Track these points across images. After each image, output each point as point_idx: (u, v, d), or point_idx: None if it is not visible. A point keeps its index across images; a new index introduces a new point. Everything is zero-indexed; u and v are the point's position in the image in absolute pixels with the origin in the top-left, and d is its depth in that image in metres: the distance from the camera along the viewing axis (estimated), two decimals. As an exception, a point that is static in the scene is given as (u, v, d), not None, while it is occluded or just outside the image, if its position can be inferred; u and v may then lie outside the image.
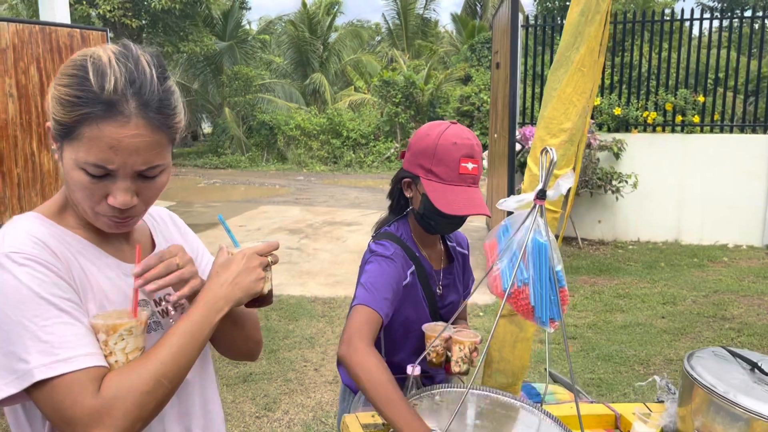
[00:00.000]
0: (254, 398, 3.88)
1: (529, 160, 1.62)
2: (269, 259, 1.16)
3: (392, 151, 18.54)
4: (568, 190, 1.48)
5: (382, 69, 21.13)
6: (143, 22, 17.06)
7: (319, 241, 8.27)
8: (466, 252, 1.92)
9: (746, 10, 11.72)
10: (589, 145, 7.29)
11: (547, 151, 1.29)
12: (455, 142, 1.60)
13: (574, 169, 1.54)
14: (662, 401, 1.86)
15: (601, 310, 5.43)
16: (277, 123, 19.47)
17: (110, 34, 10.61)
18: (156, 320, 1.14)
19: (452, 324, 1.68)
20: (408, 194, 1.73)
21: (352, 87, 23.00)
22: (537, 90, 8.76)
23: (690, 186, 7.90)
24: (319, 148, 19.17)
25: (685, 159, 7.89)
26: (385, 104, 18.87)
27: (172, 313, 1.14)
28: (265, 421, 3.62)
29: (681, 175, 7.91)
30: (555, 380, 2.04)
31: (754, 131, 8.13)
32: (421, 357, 1.66)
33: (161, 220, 1.28)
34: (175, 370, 1.01)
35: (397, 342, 1.80)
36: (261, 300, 1.16)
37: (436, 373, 1.84)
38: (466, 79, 19.34)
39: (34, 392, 0.93)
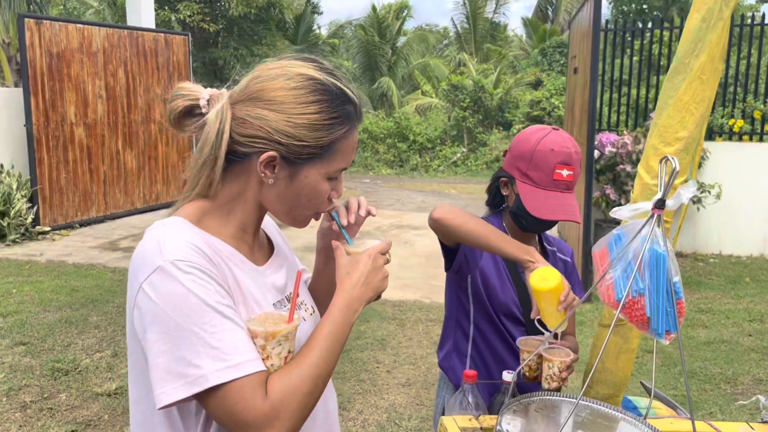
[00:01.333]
0: (329, 397, 3.94)
1: (640, 169, 1.59)
2: (387, 256, 1.19)
3: (458, 155, 18.45)
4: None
5: (450, 73, 21.07)
6: (220, 26, 17.63)
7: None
8: (568, 260, 1.92)
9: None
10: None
11: (668, 159, 1.26)
12: (553, 149, 1.65)
13: (689, 179, 1.50)
14: (766, 422, 1.79)
15: (683, 325, 5.23)
16: (346, 126, 19.67)
17: (190, 39, 11.03)
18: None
19: (554, 338, 1.66)
20: (504, 192, 1.81)
21: (419, 91, 23.03)
22: (614, 95, 8.55)
23: (778, 198, 7.52)
24: (386, 151, 19.27)
25: (774, 169, 7.51)
26: (453, 108, 18.79)
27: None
28: (341, 420, 3.67)
29: (768, 187, 7.54)
30: (655, 396, 1.98)
31: None
32: (519, 369, 1.66)
33: (269, 228, 1.33)
34: (327, 371, 1.06)
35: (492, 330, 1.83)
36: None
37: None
38: (537, 84, 19.04)
39: (206, 397, 0.96)
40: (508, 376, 1.66)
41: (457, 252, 1.78)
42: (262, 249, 1.22)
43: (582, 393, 1.52)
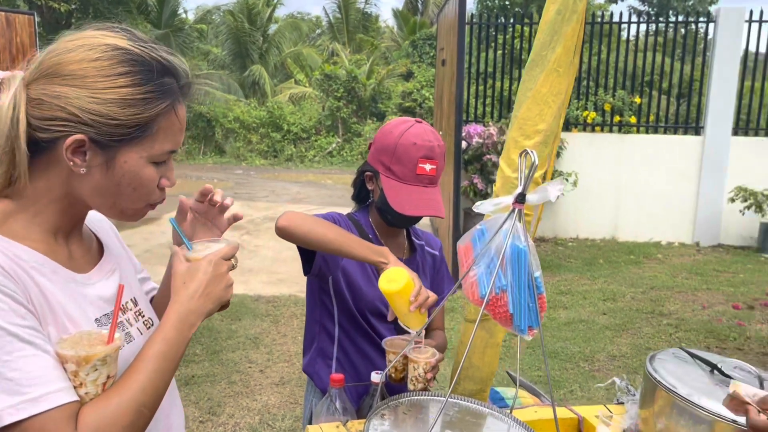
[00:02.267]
0: (197, 402, 3.72)
1: (501, 162, 1.58)
2: (233, 262, 1.08)
3: (334, 146, 18.39)
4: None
5: (323, 62, 20.92)
6: (72, 6, 16.27)
7: (261, 238, 8.08)
8: (437, 253, 1.90)
9: (675, 15, 12.21)
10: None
11: (527, 153, 1.25)
12: (415, 142, 1.62)
13: (546, 172, 1.51)
14: (622, 403, 1.86)
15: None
16: (214, 115, 18.98)
17: (37, 18, 10.05)
18: (127, 334, 1.03)
19: (422, 335, 1.62)
20: (370, 187, 1.77)
21: (293, 80, 22.68)
22: (480, 88, 8.84)
23: (626, 184, 8.15)
24: (259, 141, 18.80)
25: (622, 158, 8.13)
26: (327, 98, 18.69)
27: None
28: (210, 426, 3.48)
29: (618, 174, 8.15)
30: (519, 384, 2.01)
31: (686, 133, 8.45)
32: (386, 371, 1.60)
33: (101, 226, 1.16)
34: (155, 396, 0.91)
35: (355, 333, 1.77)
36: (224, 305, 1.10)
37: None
38: (408, 75, 19.39)
39: None
40: (376, 377, 1.61)
41: (315, 255, 1.69)
42: (87, 253, 1.05)
43: (450, 391, 1.49)
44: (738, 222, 7.86)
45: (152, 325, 1.12)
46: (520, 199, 1.26)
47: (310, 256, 1.70)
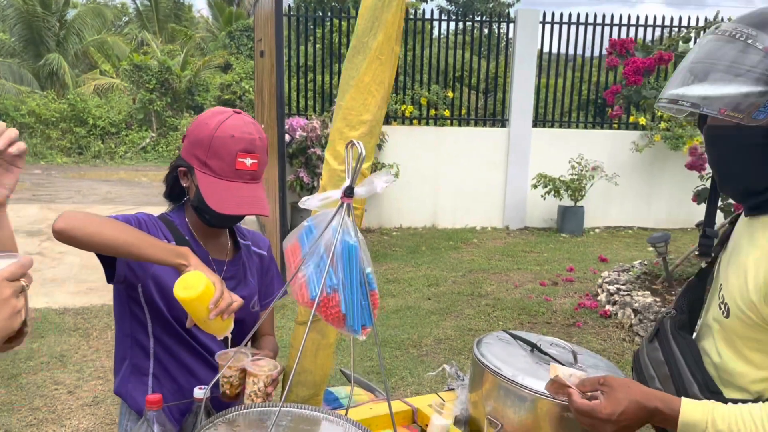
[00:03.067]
0: (-9, 438, 3.24)
1: (327, 154, 1.51)
2: (23, 282, 0.88)
3: (147, 141, 17.23)
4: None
5: (132, 52, 19.49)
6: None
7: (65, 244, 7.30)
8: (264, 253, 1.78)
9: (480, 16, 13.11)
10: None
11: (353, 144, 1.18)
12: (233, 135, 1.48)
13: (374, 164, 1.46)
14: (453, 389, 1.90)
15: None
16: (5, 108, 16.84)
17: None
18: None
19: (252, 343, 1.50)
20: (184, 184, 1.59)
21: (97, 70, 20.86)
22: (301, 81, 8.78)
23: (443, 174, 8.58)
24: (60, 137, 17.03)
25: (439, 150, 8.54)
26: (138, 90, 17.45)
27: None
28: (7, 465, 3.05)
29: (436, 165, 8.55)
30: (353, 382, 1.97)
31: (494, 125, 9.10)
32: (212, 383, 1.46)
33: None
34: None
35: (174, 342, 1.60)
36: (14, 336, 0.89)
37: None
38: (227, 67, 18.76)
39: None
40: (199, 392, 1.46)
41: (116, 260, 1.49)
42: None
43: (283, 400, 1.40)
44: (540, 206, 8.64)
45: None
46: (349, 192, 1.20)
47: (111, 260, 1.50)
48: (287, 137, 7.14)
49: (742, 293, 1.16)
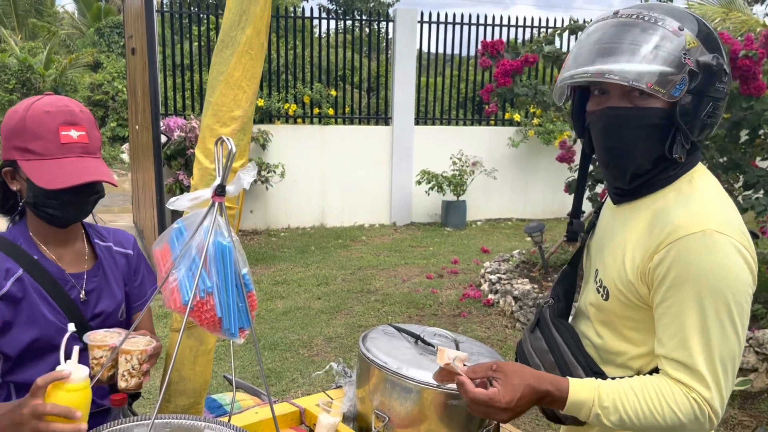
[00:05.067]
0: None
1: (197, 152, 1.44)
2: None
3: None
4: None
5: (-13, 49, 17.89)
6: None
7: None
8: (130, 252, 1.65)
9: (360, 14, 13.23)
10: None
11: (223, 141, 1.14)
12: (48, 110, 1.37)
13: (251, 160, 1.42)
14: (341, 386, 1.90)
15: (262, 299, 5.49)
16: None
17: None
18: None
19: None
20: (14, 187, 1.44)
21: (-54, 69, 18.95)
22: (178, 80, 8.43)
23: (330, 173, 8.57)
24: None
25: (324, 148, 8.52)
26: (-5, 91, 16.04)
27: None
28: None
29: (322, 163, 8.52)
30: (236, 387, 1.91)
31: (378, 123, 9.20)
32: (96, 373, 1.35)
33: None
34: None
35: (34, 372, 1.45)
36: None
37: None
38: (97, 66, 17.67)
39: None
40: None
41: None
42: None
43: (157, 411, 1.32)
44: (425, 201, 8.86)
45: None
46: (220, 191, 1.15)
47: None
48: (164, 138, 6.84)
49: (620, 275, 1.22)
